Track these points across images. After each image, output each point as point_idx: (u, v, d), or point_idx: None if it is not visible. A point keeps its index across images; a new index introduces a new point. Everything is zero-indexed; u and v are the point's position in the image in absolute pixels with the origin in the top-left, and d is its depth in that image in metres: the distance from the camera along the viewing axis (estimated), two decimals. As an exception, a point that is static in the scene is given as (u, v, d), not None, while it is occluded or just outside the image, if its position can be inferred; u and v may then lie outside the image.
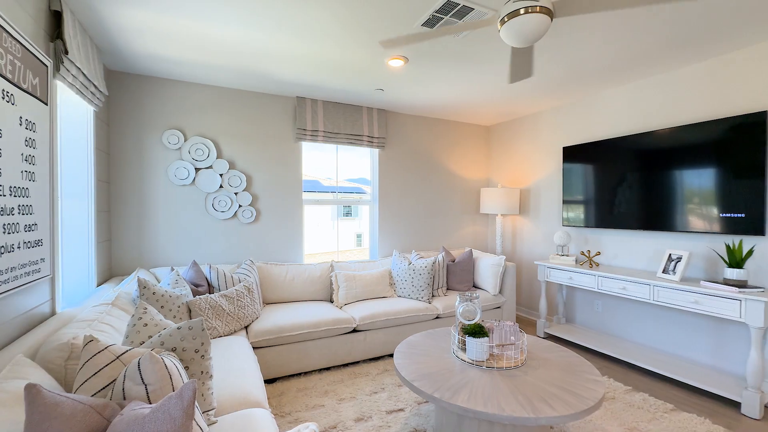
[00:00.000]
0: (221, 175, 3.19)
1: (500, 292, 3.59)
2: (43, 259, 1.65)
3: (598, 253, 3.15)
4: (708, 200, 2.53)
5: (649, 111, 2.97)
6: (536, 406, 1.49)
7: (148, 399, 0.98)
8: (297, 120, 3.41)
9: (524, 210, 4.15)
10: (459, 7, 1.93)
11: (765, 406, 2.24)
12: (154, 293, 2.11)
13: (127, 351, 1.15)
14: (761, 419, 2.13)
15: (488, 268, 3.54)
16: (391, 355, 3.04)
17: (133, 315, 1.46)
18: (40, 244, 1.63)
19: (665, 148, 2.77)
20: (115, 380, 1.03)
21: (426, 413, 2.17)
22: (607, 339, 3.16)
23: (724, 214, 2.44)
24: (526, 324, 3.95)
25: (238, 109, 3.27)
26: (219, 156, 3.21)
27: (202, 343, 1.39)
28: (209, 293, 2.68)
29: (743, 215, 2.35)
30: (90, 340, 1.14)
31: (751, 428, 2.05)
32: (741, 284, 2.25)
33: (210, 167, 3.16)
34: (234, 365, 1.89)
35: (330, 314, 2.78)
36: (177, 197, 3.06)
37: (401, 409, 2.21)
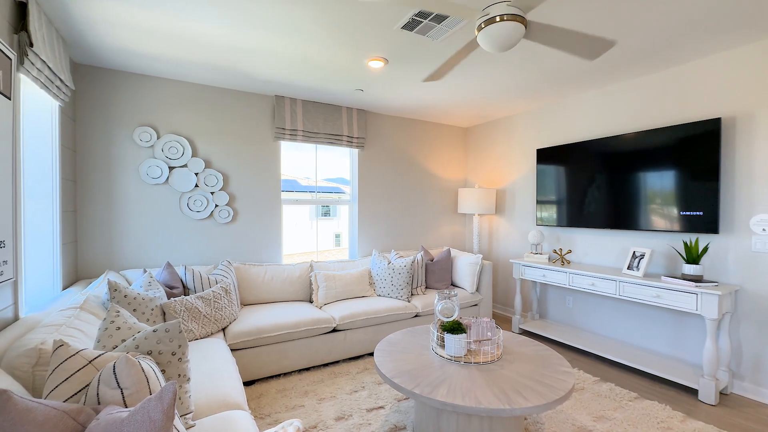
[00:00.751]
0: (197, 174, 3.11)
1: (477, 290, 3.68)
2: (5, 262, 1.57)
3: (570, 251, 3.29)
4: (669, 201, 2.70)
5: (615, 116, 3.13)
6: (511, 398, 1.55)
7: (125, 403, 0.95)
8: (276, 119, 3.38)
9: (500, 210, 4.27)
10: (433, 14, 1.97)
11: (720, 393, 2.41)
12: (125, 296, 2.04)
13: (99, 355, 1.12)
14: (717, 405, 2.30)
15: (466, 267, 3.63)
16: (371, 354, 3.07)
17: (104, 318, 1.41)
18: (2, 245, 1.54)
19: (630, 151, 2.93)
20: (87, 385, 1.00)
21: (405, 410, 2.20)
22: (578, 333, 3.31)
23: (684, 212, 2.61)
24: (502, 320, 4.07)
25: (215, 106, 3.20)
26: (194, 154, 3.13)
27: (180, 346, 1.36)
28: (184, 295, 2.61)
29: (701, 213, 2.52)
30: (60, 345, 1.10)
31: (707, 413, 2.20)
32: (697, 279, 2.42)
33: (185, 166, 3.07)
34: (211, 367, 1.85)
35: (310, 314, 2.77)
36: (149, 197, 2.96)
37: (381, 407, 2.24)
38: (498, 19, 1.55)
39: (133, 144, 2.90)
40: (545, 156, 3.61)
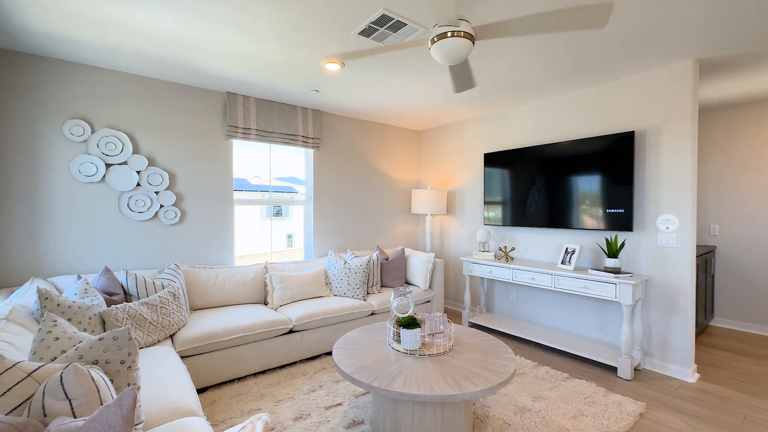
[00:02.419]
0: (139, 172, 2.91)
1: (430, 287, 3.85)
2: None
3: (513, 249, 3.57)
4: (596, 202, 3.05)
5: (551, 126, 3.46)
6: (461, 384, 1.68)
7: (73, 415, 0.91)
8: (227, 116, 3.26)
9: (451, 210, 4.50)
10: (393, 21, 2.07)
11: (634, 369, 2.78)
12: (58, 305, 1.88)
13: (39, 367, 1.05)
14: (632, 380, 2.65)
15: (419, 265, 3.78)
16: (329, 353, 3.09)
17: (40, 329, 1.30)
18: None
19: (564, 157, 3.26)
20: (29, 398, 0.94)
21: (363, 405, 2.27)
22: (520, 323, 3.61)
23: (609, 210, 2.96)
24: (453, 315, 4.29)
25: (160, 101, 3.02)
26: (136, 151, 2.93)
27: (129, 354, 1.30)
28: (126, 302, 2.44)
29: (622, 210, 2.88)
30: (-9, 359, 1.01)
31: (624, 387, 2.54)
32: (616, 271, 2.77)
33: (124, 163, 2.86)
34: (161, 376, 1.77)
35: (265, 316, 2.73)
36: (83, 196, 2.72)
37: (339, 404, 2.28)
38: (449, 34, 1.67)
39: (63, 138, 2.64)
40: (492, 160, 3.88)
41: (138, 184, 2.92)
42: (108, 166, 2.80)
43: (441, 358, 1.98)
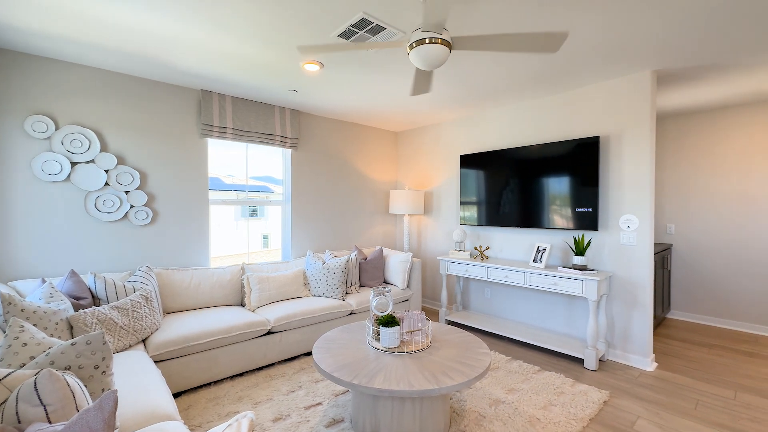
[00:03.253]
0: (107, 171, 2.80)
1: (408, 286, 3.92)
2: None
3: (488, 248, 3.69)
4: (565, 203, 3.21)
5: (524, 129, 3.60)
6: (439, 379, 1.74)
7: (49, 421, 0.89)
8: (202, 115, 3.19)
9: (428, 210, 4.59)
10: (373, 25, 2.10)
11: (599, 360, 2.95)
12: (22, 310, 1.79)
13: (9, 374, 1.01)
14: (597, 370, 2.81)
15: (397, 265, 3.84)
16: (308, 354, 3.09)
17: (6, 335, 1.25)
18: None
19: (536, 160, 3.41)
20: (1, 404, 0.91)
21: (343, 403, 2.29)
22: (494, 320, 3.73)
23: (579, 209, 3.12)
24: (430, 313, 4.38)
25: (131, 97, 2.91)
26: (104, 149, 2.82)
27: (104, 358, 1.28)
28: (95, 306, 2.35)
29: (590, 209, 3.04)
30: (-45, 367, 0.97)
31: (590, 377, 2.69)
32: (583, 268, 2.93)
33: (91, 161, 2.75)
34: (135, 381, 1.73)
35: (242, 318, 2.69)
36: (46, 196, 2.59)
37: (319, 403, 2.30)
38: (427, 41, 1.72)
39: (24, 135, 2.51)
40: (467, 161, 3.99)
41: (106, 184, 2.81)
42: (73, 164, 2.68)
43: (419, 354, 2.03)
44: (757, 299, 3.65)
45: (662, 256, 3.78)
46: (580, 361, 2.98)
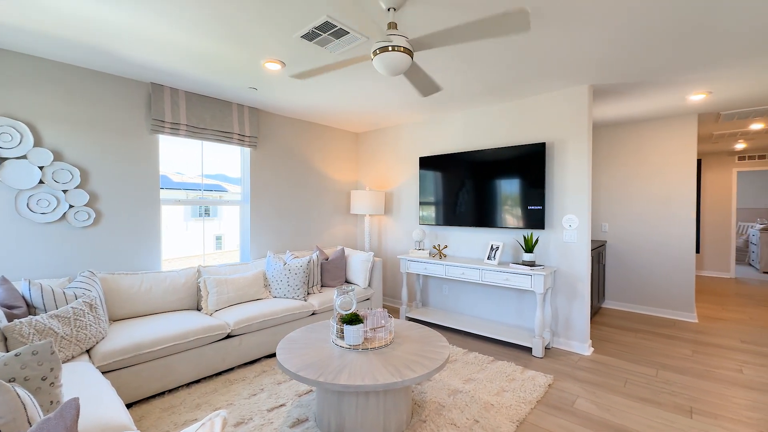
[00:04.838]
0: (41, 167, 2.56)
1: (369, 285, 3.98)
2: None
3: (446, 247, 3.86)
4: (516, 203, 3.45)
5: (477, 134, 3.82)
6: (402, 372, 1.82)
7: (-3, 436, 0.84)
8: (153, 110, 3.01)
9: (388, 210, 4.69)
10: (336, 28, 2.14)
11: (545, 348, 3.22)
12: (-57, 322, 1.61)
13: (-57, 391, 0.93)
14: (543, 357, 3.07)
15: (359, 264, 3.89)
16: (269, 356, 3.04)
17: (-68, 349, 1.13)
18: None
19: (489, 162, 3.63)
20: (-61, 424, 0.84)
21: (307, 403, 2.30)
22: (452, 315, 3.92)
23: (530, 207, 3.37)
24: (391, 311, 4.48)
25: (70, 88, 2.69)
26: (38, 144, 2.57)
27: (52, 369, 1.20)
28: (31, 315, 2.15)
29: (540, 207, 3.29)
30: None
31: (537, 364, 2.94)
32: (531, 264, 3.18)
33: (23, 157, 2.50)
34: (84, 394, 1.62)
35: (199, 323, 2.60)
36: (-33, 195, 2.32)
37: (282, 405, 2.29)
38: (390, 48, 1.80)
39: (-62, 126, 2.22)
40: (426, 163, 4.14)
41: (41, 182, 2.57)
42: (2, 160, 2.42)
43: (383, 350, 2.11)
44: (674, 290, 4.17)
45: (598, 252, 4.19)
46: (529, 349, 3.23)
